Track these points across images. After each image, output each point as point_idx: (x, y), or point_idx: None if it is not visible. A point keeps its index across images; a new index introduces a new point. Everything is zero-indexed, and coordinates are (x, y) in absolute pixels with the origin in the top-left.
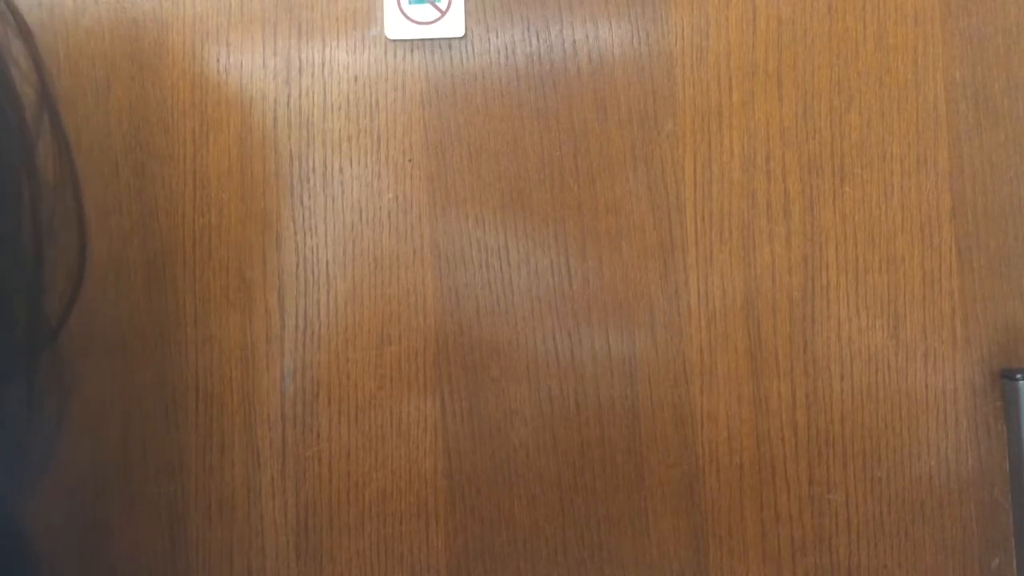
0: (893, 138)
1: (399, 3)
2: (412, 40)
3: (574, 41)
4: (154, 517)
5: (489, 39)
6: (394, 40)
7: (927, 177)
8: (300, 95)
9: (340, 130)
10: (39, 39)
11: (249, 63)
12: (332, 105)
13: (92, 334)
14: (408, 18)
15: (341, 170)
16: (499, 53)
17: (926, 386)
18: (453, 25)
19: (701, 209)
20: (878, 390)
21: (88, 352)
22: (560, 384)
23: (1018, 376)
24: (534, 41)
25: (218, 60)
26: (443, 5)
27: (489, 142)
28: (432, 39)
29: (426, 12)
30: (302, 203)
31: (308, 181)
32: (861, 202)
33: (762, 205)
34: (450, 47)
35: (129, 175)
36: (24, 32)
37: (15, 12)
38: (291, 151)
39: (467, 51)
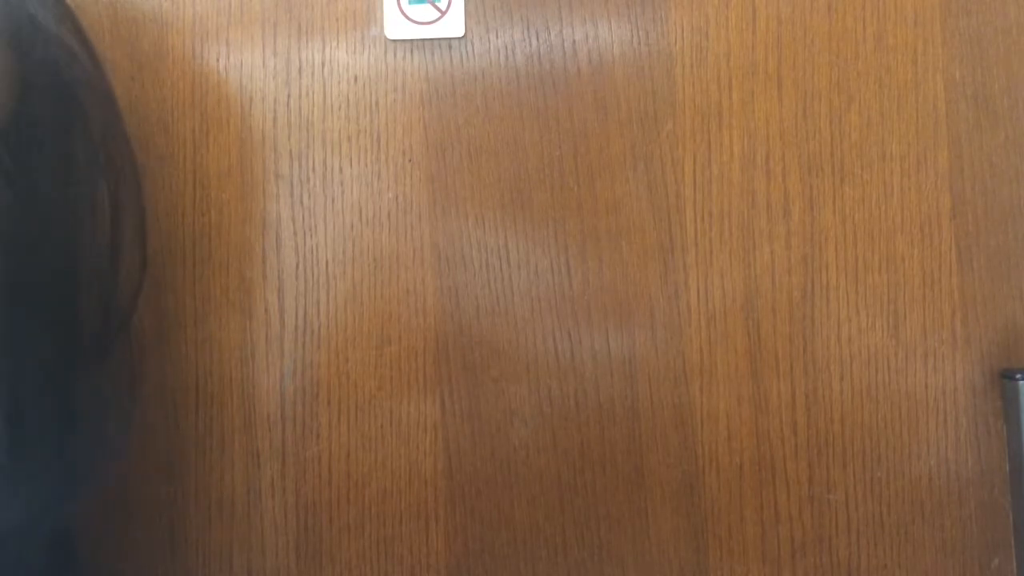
0: (893, 138)
1: (399, 3)
2: (412, 40)
3: (574, 41)
4: (154, 517)
5: (489, 39)
6: (394, 40)
7: (927, 177)
8: (300, 95)
9: (340, 130)
10: None
11: (249, 63)
12: (332, 105)
13: None
14: (408, 18)
15: (341, 170)
16: (499, 53)
17: (926, 386)
18: (453, 25)
19: (701, 209)
20: (878, 390)
21: None
22: (560, 384)
23: (1018, 376)
24: (534, 41)
25: (218, 60)
26: (443, 5)
27: (489, 142)
28: (432, 39)
29: (426, 12)
30: (302, 203)
31: (308, 181)
32: (861, 202)
33: (762, 205)
34: (450, 47)
35: None
36: (86, 43)
37: (86, 40)
38: (291, 151)
39: (467, 51)
